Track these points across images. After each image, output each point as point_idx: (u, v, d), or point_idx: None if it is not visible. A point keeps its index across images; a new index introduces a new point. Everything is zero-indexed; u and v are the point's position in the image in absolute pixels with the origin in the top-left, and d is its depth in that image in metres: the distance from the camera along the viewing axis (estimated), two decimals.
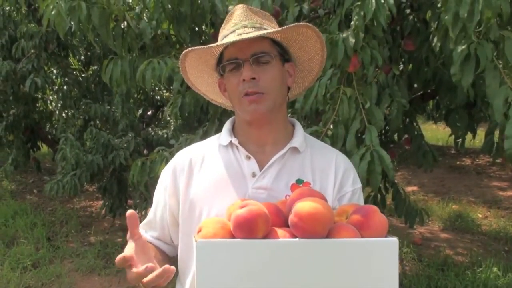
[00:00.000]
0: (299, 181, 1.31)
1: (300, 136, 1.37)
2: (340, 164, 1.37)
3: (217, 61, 1.35)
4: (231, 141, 1.35)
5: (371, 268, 1.02)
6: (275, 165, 1.32)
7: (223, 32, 1.33)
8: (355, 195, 1.36)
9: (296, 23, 1.28)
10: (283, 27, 1.24)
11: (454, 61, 1.84)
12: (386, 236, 1.06)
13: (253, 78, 1.23)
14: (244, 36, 1.20)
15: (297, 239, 1.02)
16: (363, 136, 2.27)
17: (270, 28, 1.31)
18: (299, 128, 1.41)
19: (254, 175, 1.31)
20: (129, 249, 1.11)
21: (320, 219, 1.01)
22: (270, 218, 1.05)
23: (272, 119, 1.32)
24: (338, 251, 1.01)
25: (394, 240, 1.03)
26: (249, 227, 1.01)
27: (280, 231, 1.05)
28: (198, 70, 1.39)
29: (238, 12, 1.32)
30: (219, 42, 1.29)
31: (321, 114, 2.48)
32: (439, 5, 2.04)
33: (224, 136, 1.38)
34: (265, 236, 1.04)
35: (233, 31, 1.28)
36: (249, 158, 1.32)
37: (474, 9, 1.70)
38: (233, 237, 1.04)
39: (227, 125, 1.41)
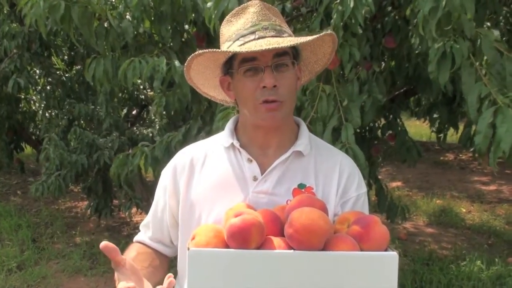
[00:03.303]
0: (301, 186, 1.29)
1: (304, 139, 1.34)
2: (344, 169, 1.34)
3: (227, 59, 1.29)
4: (232, 143, 1.33)
5: (369, 281, 0.99)
6: (278, 169, 1.29)
7: (232, 27, 1.27)
8: (359, 200, 1.33)
9: (323, 33, 1.24)
10: (313, 37, 1.20)
11: (431, 58, 1.86)
12: (386, 249, 1.04)
13: (274, 86, 1.19)
14: (275, 45, 1.13)
15: (291, 250, 1.00)
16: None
17: (288, 29, 1.28)
18: (304, 129, 1.37)
19: (255, 179, 1.29)
20: (121, 276, 1.08)
21: (316, 231, 0.99)
22: (265, 227, 1.03)
23: (282, 124, 1.29)
24: (334, 264, 0.99)
25: (393, 255, 1.00)
26: (242, 237, 1.00)
27: (276, 241, 1.03)
28: (203, 67, 1.33)
29: (254, 10, 1.26)
30: (233, 45, 1.23)
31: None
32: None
33: (225, 137, 1.35)
34: (260, 246, 1.02)
35: (253, 32, 1.22)
36: (251, 161, 1.30)
37: (439, 6, 1.72)
38: (226, 246, 1.03)
39: (229, 125, 1.38)
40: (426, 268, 4.38)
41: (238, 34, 1.24)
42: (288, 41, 1.18)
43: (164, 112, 2.82)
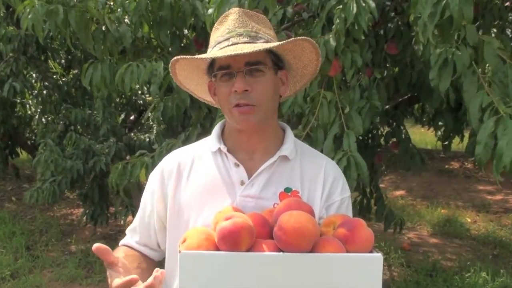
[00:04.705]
0: (287, 190, 1.33)
1: (290, 143, 1.38)
2: (329, 173, 1.39)
3: (209, 64, 1.35)
4: (219, 148, 1.36)
5: (355, 282, 1.05)
6: (264, 173, 1.34)
7: (215, 34, 1.33)
8: (343, 204, 1.38)
9: (293, 38, 1.29)
10: (280, 42, 1.24)
11: (432, 65, 1.88)
12: (371, 251, 1.09)
13: (246, 90, 1.24)
14: (238, 51, 1.18)
15: (281, 253, 1.05)
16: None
17: (266, 35, 1.31)
18: (289, 134, 1.42)
19: (242, 183, 1.32)
20: (114, 274, 1.13)
21: (305, 233, 1.04)
22: (254, 230, 1.07)
23: (263, 128, 1.33)
24: (322, 266, 1.04)
25: (378, 256, 1.06)
26: (233, 240, 1.04)
27: (265, 244, 1.08)
28: (188, 72, 1.39)
29: (233, 17, 1.31)
30: (210, 52, 1.29)
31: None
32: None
33: (213, 141, 1.39)
34: (250, 249, 1.06)
35: (227, 39, 1.27)
36: (238, 165, 1.34)
37: (437, 11, 1.74)
38: (217, 248, 1.07)
39: (216, 130, 1.42)
40: (429, 280, 4.37)
41: (216, 41, 1.31)
42: (253, 47, 1.21)
43: (161, 118, 2.84)
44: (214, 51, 1.28)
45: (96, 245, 1.10)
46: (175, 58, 1.32)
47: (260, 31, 1.31)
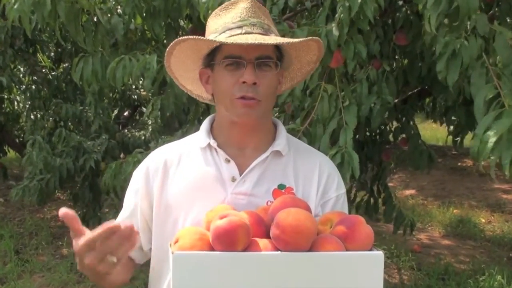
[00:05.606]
0: (281, 186, 1.34)
1: (282, 139, 1.39)
2: (324, 169, 1.40)
3: (210, 50, 1.33)
4: (209, 143, 1.36)
5: (355, 281, 1.05)
6: (256, 169, 1.34)
7: (219, 21, 1.33)
8: (339, 200, 1.39)
9: (310, 37, 1.33)
10: (300, 40, 1.28)
11: (439, 57, 1.88)
12: (371, 249, 1.10)
13: (254, 83, 1.25)
14: (261, 41, 1.20)
15: (279, 252, 1.05)
16: None
17: (276, 31, 1.34)
18: (281, 129, 1.43)
19: (233, 179, 1.33)
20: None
21: (303, 231, 1.04)
22: (251, 229, 1.07)
23: (258, 124, 1.34)
24: (321, 265, 1.04)
25: (379, 254, 1.06)
26: (229, 239, 1.03)
27: (261, 243, 1.07)
28: (185, 56, 1.38)
29: (244, 5, 1.32)
30: (219, 37, 1.28)
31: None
32: None
33: (202, 136, 1.39)
34: (246, 248, 1.06)
35: (240, 27, 1.28)
36: (229, 161, 1.34)
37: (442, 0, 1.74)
38: (211, 248, 1.06)
39: (205, 125, 1.42)
40: (441, 283, 4.38)
41: (225, 27, 1.30)
42: (274, 39, 1.25)
43: (159, 116, 2.84)
44: (223, 37, 1.27)
45: (63, 211, 1.03)
46: (185, 37, 1.30)
47: (271, 25, 1.33)
